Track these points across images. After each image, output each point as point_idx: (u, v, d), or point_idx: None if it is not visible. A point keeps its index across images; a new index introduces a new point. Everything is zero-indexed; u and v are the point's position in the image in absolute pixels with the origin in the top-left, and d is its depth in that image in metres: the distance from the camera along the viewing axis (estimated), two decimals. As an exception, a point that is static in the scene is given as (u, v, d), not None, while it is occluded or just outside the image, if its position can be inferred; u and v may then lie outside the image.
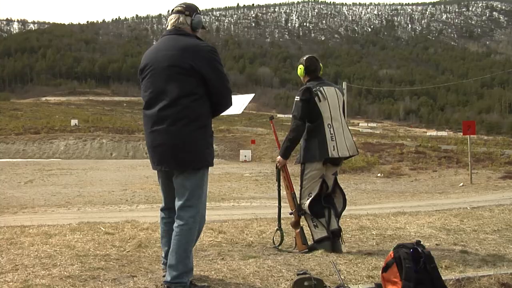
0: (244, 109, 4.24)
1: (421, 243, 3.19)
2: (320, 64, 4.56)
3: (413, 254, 3.04)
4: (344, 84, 33.13)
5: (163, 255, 3.33)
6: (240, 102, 4.05)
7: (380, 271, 3.20)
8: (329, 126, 4.30)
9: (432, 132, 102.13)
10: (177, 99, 3.04)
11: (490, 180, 19.01)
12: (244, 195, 15.32)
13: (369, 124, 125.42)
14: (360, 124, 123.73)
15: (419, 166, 24.72)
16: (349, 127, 4.60)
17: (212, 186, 17.24)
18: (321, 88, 4.36)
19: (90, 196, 14.59)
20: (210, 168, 3.24)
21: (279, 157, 4.59)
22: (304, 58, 4.57)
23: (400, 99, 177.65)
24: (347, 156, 4.42)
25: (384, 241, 4.78)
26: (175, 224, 3.09)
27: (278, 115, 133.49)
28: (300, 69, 4.54)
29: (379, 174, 23.25)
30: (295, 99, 4.46)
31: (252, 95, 4.44)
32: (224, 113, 3.42)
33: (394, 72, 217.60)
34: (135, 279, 3.28)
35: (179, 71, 3.06)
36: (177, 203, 3.12)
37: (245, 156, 37.21)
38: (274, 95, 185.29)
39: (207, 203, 3.30)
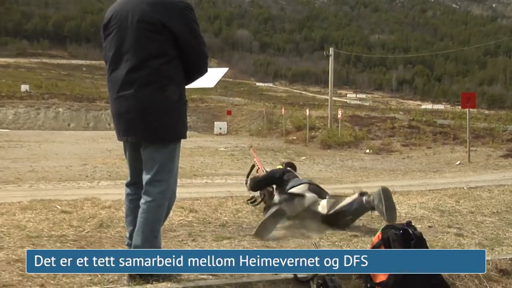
0: (218, 82, 4.30)
1: (412, 224, 3.24)
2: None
3: (402, 235, 3.08)
4: (331, 50, 33.19)
5: (128, 235, 3.31)
6: (213, 75, 4.06)
7: (367, 254, 3.26)
8: None
9: (428, 105, 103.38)
10: (146, 60, 2.99)
11: (490, 158, 19.36)
12: (218, 171, 15.34)
13: (357, 95, 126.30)
14: (347, 95, 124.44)
15: (412, 142, 25.05)
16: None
17: (183, 161, 17.17)
18: None
19: (44, 171, 14.42)
20: (181, 141, 3.22)
21: None
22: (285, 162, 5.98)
23: (393, 68, 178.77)
24: None
25: (372, 222, 4.86)
26: (142, 201, 3.07)
27: (257, 84, 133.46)
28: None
29: (367, 150, 23.50)
30: None
31: (226, 69, 4.49)
32: (196, 85, 3.40)
33: (387, 37, 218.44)
34: (96, 261, 3.28)
35: (148, 28, 2.99)
36: (145, 178, 3.09)
37: (220, 128, 37.27)
38: (254, 61, 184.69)
39: (177, 179, 3.30)
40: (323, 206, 4.64)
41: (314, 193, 4.77)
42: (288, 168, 5.52)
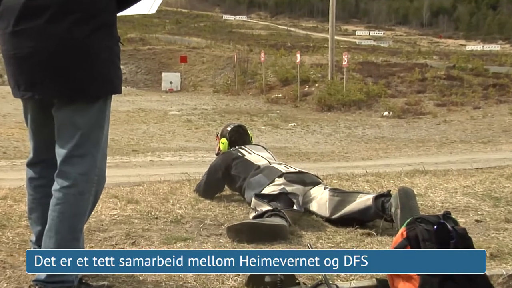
0: (159, 8, 4.32)
1: (452, 216, 3.25)
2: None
3: (438, 232, 3.09)
4: (334, -35, 33.03)
5: (34, 239, 3.29)
6: (150, 0, 4.09)
7: (386, 260, 3.29)
8: None
9: (476, 46, 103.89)
10: None
11: None
12: (169, 145, 15.38)
13: (371, 33, 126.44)
14: (357, 33, 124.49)
15: (451, 101, 25.26)
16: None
17: (117, 130, 17.16)
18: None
19: None
20: (113, 101, 3.17)
21: None
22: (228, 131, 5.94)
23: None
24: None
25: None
26: (56, 187, 3.00)
27: (224, 17, 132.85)
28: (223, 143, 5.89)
29: (386, 113, 23.70)
30: None
31: None
32: (130, 12, 3.40)
33: None
34: (-15, 278, 3.26)
35: None
36: (60, 152, 3.01)
37: (171, 82, 37.23)
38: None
39: (108, 157, 3.24)
40: (320, 205, 4.75)
41: (296, 184, 4.94)
42: (238, 153, 5.54)
